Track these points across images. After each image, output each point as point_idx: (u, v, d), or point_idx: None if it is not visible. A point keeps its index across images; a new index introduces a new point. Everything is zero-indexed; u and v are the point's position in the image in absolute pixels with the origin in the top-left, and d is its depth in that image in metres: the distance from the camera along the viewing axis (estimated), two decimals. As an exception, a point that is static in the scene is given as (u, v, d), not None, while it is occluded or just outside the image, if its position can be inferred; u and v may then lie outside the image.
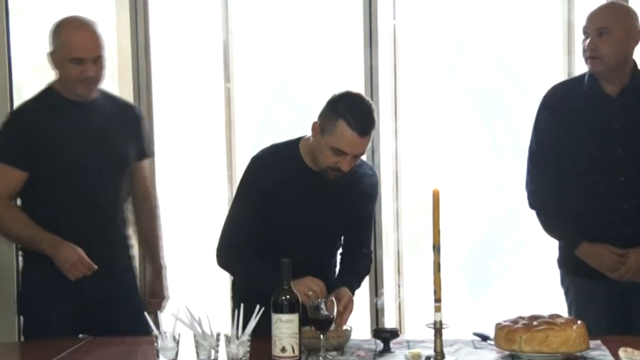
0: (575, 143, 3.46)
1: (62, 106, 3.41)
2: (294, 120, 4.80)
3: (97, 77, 3.39)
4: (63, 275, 3.30)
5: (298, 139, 3.24)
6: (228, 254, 3.23)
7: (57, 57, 3.39)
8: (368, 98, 3.19)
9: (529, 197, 3.59)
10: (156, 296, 3.65)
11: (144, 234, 3.69)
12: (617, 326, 3.41)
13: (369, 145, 3.12)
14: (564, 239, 3.55)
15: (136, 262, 3.69)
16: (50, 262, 3.30)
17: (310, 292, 2.91)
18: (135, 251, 3.69)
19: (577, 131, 3.45)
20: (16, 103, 4.28)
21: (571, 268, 3.55)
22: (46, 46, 3.40)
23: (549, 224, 3.56)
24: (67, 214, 3.39)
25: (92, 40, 3.35)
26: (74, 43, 3.34)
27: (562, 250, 3.60)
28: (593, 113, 3.46)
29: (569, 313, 3.51)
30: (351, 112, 3.02)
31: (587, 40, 3.43)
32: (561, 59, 4.58)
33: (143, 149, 3.65)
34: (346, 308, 3.06)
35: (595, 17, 3.45)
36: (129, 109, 3.66)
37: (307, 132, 3.18)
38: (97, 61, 3.36)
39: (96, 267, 3.30)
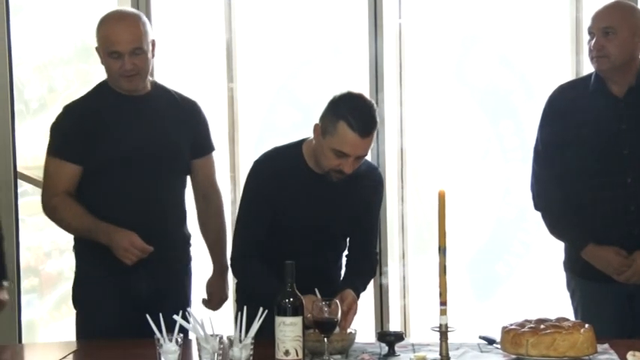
0: (581, 144, 3.43)
1: (112, 100, 3.39)
2: (298, 119, 4.78)
3: (139, 70, 3.33)
4: (111, 271, 3.30)
5: (301, 142, 3.22)
6: (241, 268, 3.22)
7: (100, 52, 3.38)
8: (369, 98, 3.16)
9: (534, 198, 3.57)
10: (213, 295, 3.57)
11: (207, 233, 3.61)
12: (624, 329, 3.39)
13: (374, 145, 3.08)
14: (570, 241, 3.53)
15: (192, 264, 3.59)
16: (100, 258, 3.29)
17: (309, 315, 2.84)
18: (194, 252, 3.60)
19: (583, 132, 3.43)
20: (17, 103, 4.30)
21: (577, 270, 3.53)
22: (46, 46, 3.38)
23: (555, 226, 3.54)
24: (111, 207, 3.35)
25: (128, 32, 3.31)
26: (110, 36, 3.32)
27: (568, 252, 3.58)
28: (600, 113, 3.44)
29: (576, 316, 3.50)
30: (351, 113, 2.99)
31: (593, 41, 3.41)
32: (569, 59, 4.55)
33: (202, 146, 3.56)
34: (350, 309, 3.02)
35: (600, 17, 3.43)
36: (187, 105, 3.54)
37: (311, 132, 3.15)
38: (137, 53, 3.30)
39: (151, 248, 3.26)
